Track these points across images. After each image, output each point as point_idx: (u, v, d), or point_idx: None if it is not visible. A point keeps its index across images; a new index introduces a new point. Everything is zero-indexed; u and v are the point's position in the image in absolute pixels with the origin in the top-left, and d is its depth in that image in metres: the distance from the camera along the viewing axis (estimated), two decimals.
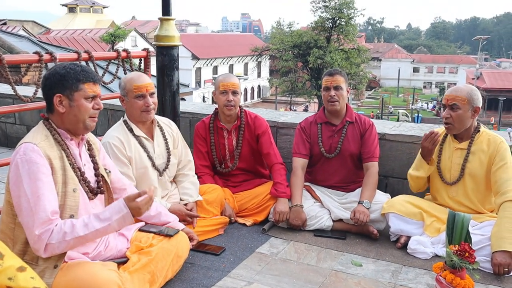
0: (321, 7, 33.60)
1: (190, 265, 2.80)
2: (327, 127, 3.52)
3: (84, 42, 29.55)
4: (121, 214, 2.12)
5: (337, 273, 2.77)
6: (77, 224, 2.06)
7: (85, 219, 2.09)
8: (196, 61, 42.00)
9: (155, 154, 3.14)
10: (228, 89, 3.46)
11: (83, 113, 2.19)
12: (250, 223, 3.44)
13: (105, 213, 2.13)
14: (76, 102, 2.18)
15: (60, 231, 2.02)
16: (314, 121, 3.58)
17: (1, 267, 1.53)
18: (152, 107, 3.03)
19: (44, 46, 11.96)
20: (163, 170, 3.19)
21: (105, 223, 2.10)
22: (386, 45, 70.77)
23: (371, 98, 53.29)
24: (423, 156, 3.11)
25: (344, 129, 3.48)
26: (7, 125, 5.93)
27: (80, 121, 2.20)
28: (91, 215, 2.12)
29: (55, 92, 2.16)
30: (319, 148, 3.50)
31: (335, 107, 3.42)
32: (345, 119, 3.49)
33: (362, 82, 35.38)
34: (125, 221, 2.15)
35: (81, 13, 50.79)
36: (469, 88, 3.02)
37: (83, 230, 2.05)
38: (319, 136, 3.51)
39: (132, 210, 2.14)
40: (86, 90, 2.20)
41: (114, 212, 2.13)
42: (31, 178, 2.03)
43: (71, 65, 2.21)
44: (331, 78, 3.40)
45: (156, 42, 3.70)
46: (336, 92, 3.39)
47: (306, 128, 3.58)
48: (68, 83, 2.16)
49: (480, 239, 2.82)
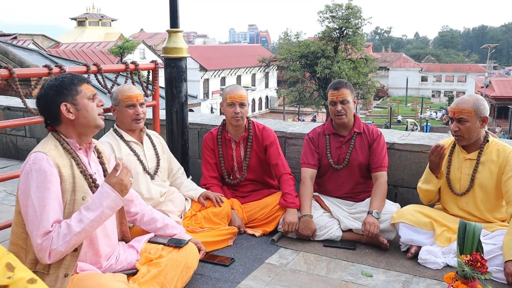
0: (328, 17, 33.76)
1: (199, 276, 2.80)
2: (335, 138, 3.52)
3: (93, 55, 29.86)
4: (110, 198, 2.12)
5: (347, 283, 2.75)
6: (72, 223, 2.06)
7: (78, 215, 2.09)
8: (204, 72, 42.24)
9: (145, 158, 3.25)
10: (236, 101, 3.47)
11: (91, 113, 2.25)
12: (259, 233, 3.43)
13: (94, 202, 2.12)
14: (81, 105, 2.23)
15: (59, 235, 2.03)
16: (322, 132, 3.57)
17: (12, 279, 1.53)
18: (141, 116, 3.22)
19: (53, 59, 12.11)
20: (154, 173, 3.29)
21: (97, 211, 2.10)
22: (394, 55, 70.72)
23: (379, 107, 53.18)
24: (431, 169, 3.09)
25: (352, 140, 3.47)
26: (18, 138, 5.98)
27: (90, 121, 2.26)
28: (81, 209, 2.11)
29: (58, 103, 2.20)
30: (327, 160, 3.49)
31: (342, 121, 3.42)
32: (353, 130, 3.48)
33: (370, 91, 35.41)
34: (116, 204, 2.15)
35: (90, 27, 51.39)
36: (474, 98, 2.97)
37: (79, 226, 2.06)
38: (327, 148, 3.51)
39: (116, 186, 2.13)
40: (85, 90, 2.26)
41: (103, 198, 2.12)
42: (39, 187, 2.05)
43: (58, 76, 2.27)
44: (337, 93, 3.38)
45: (164, 54, 3.73)
46: (342, 106, 3.38)
47: (314, 138, 3.57)
48: (67, 90, 2.22)
49: (492, 248, 2.79)
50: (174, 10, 3.65)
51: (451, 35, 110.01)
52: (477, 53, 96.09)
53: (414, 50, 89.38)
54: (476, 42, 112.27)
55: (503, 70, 66.55)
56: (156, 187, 3.28)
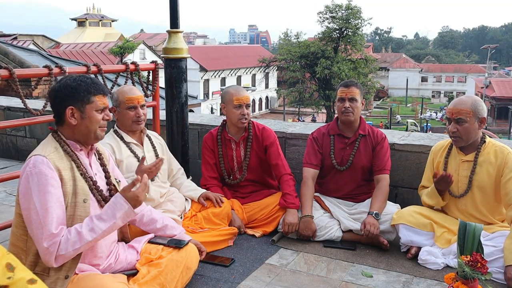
0: (328, 17, 33.69)
1: (199, 276, 2.80)
2: (340, 139, 3.51)
3: (93, 55, 29.86)
4: (123, 210, 2.14)
5: (348, 284, 2.75)
6: (83, 231, 2.07)
7: (89, 223, 2.10)
8: (204, 72, 42.23)
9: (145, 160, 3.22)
10: (243, 102, 3.48)
11: (94, 124, 2.23)
12: (259, 234, 3.43)
13: (107, 212, 2.14)
14: (88, 114, 2.21)
15: (68, 241, 2.04)
16: (327, 132, 3.56)
17: (12, 280, 1.53)
18: (142, 118, 3.22)
19: (54, 59, 12.11)
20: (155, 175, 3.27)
21: (109, 222, 2.12)
22: (394, 55, 70.68)
23: (380, 108, 53.17)
24: (438, 191, 3.07)
25: (357, 142, 3.46)
26: (18, 138, 5.98)
27: (91, 132, 2.24)
28: (93, 218, 2.12)
29: (66, 104, 2.18)
30: (330, 160, 3.48)
31: (349, 118, 3.41)
32: (358, 132, 3.47)
33: (370, 92, 35.32)
34: (128, 216, 2.18)
35: (90, 27, 51.38)
36: (472, 99, 2.97)
37: (90, 235, 2.08)
38: (331, 148, 3.50)
39: (131, 201, 2.15)
40: (97, 102, 2.23)
41: (116, 210, 2.14)
42: (40, 191, 2.05)
43: (81, 77, 2.23)
44: (347, 90, 3.39)
45: (164, 55, 3.73)
46: (350, 104, 3.39)
47: (318, 138, 3.57)
48: (80, 95, 2.19)
49: (492, 250, 2.78)
50: (174, 11, 3.65)
51: (451, 35, 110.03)
52: (477, 53, 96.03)
53: (414, 50, 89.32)
54: (476, 42, 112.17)
55: (503, 71, 66.63)
56: (156, 188, 3.28)
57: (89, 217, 2.14)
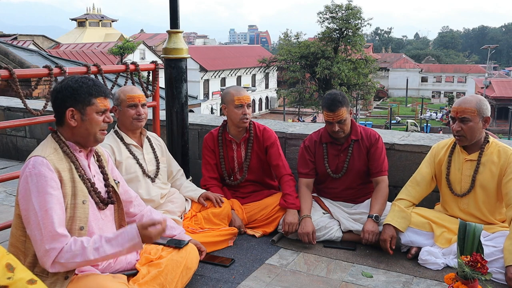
0: (328, 18, 33.75)
1: (199, 277, 2.80)
2: (333, 146, 3.46)
3: (93, 56, 29.86)
4: (133, 242, 2.12)
5: (348, 284, 2.75)
6: (88, 247, 2.04)
7: (97, 242, 2.07)
8: (204, 73, 42.24)
9: (145, 162, 3.27)
10: (244, 102, 3.47)
11: (94, 126, 2.21)
12: (259, 234, 3.43)
13: (117, 239, 2.11)
14: (88, 116, 2.20)
15: (70, 251, 2.01)
16: (319, 140, 3.50)
17: (12, 280, 1.53)
18: (143, 116, 3.23)
19: (54, 60, 12.11)
20: (155, 176, 3.30)
21: (116, 248, 2.10)
22: (394, 55, 70.70)
23: (380, 108, 53.16)
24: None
25: (350, 148, 3.42)
26: (18, 138, 5.98)
27: (91, 134, 2.22)
28: (102, 238, 2.10)
29: (67, 106, 2.17)
30: (325, 169, 3.46)
31: (339, 136, 3.37)
32: (351, 138, 3.42)
33: (370, 92, 35.37)
34: (135, 248, 2.16)
35: (90, 27, 51.38)
36: (477, 98, 2.97)
37: (93, 254, 2.04)
38: (325, 157, 3.47)
39: (144, 238, 2.14)
40: (98, 104, 2.21)
41: (126, 240, 2.11)
42: (39, 192, 2.04)
43: (82, 78, 2.22)
44: (333, 114, 3.26)
45: (164, 55, 3.73)
46: (339, 126, 3.31)
47: (310, 147, 3.52)
48: (81, 97, 2.18)
49: (493, 251, 2.77)
50: (174, 11, 3.65)
51: (451, 35, 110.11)
52: (477, 53, 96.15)
53: (414, 51, 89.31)
54: (476, 42, 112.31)
55: (503, 71, 66.66)
56: (157, 190, 3.28)
57: (99, 236, 2.12)
